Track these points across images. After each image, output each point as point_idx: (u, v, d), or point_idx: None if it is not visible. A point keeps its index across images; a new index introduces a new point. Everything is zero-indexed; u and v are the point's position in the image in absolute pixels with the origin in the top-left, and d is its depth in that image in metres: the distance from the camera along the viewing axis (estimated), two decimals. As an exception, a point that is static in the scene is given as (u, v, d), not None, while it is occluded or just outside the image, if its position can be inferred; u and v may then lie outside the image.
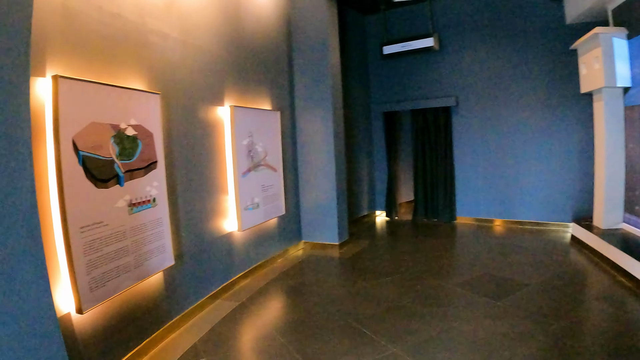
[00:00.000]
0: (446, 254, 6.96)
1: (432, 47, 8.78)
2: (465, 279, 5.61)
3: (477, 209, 9.08)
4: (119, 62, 3.87)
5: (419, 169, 9.58)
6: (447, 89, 9.14)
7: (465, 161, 9.11)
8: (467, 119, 8.99)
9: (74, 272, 3.20)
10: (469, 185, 9.12)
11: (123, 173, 3.70)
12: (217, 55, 5.43)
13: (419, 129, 9.48)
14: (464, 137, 9.07)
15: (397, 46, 9.17)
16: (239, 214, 5.67)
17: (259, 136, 6.20)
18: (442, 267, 6.19)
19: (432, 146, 9.34)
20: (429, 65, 9.34)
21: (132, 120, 3.83)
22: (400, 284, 5.57)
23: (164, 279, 4.38)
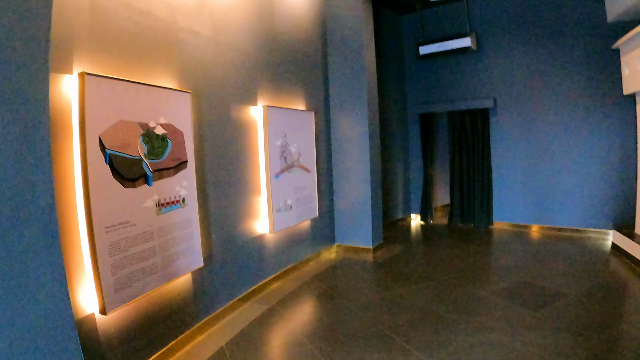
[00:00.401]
0: (482, 260, 6.66)
1: (469, 47, 8.45)
2: (502, 287, 5.33)
3: (514, 214, 8.70)
4: (148, 60, 3.81)
5: (456, 172, 9.25)
6: (485, 90, 8.81)
7: (502, 164, 8.75)
8: (505, 120, 8.63)
9: (98, 273, 3.14)
10: (506, 190, 8.75)
11: (152, 172, 3.63)
12: (250, 54, 5.33)
13: (455, 131, 9.15)
14: (501, 140, 8.72)
15: (434, 46, 8.86)
16: (271, 216, 5.56)
17: (293, 137, 6.08)
18: (478, 274, 5.92)
19: (469, 149, 9.01)
20: (466, 66, 9.02)
21: (162, 118, 3.76)
22: (435, 290, 5.34)
23: (192, 280, 4.30)
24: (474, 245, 7.53)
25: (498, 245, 7.60)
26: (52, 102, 2.96)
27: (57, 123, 3.00)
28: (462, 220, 9.27)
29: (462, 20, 8.86)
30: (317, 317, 4.80)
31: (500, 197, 8.84)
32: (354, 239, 7.39)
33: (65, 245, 3.02)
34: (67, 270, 3.03)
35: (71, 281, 3.07)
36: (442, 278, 5.77)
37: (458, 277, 5.80)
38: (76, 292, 3.10)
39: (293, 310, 4.95)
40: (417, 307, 4.84)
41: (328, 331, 4.37)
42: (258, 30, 5.49)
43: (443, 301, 4.97)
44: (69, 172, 3.08)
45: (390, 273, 6.16)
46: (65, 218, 3.05)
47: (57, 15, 2.98)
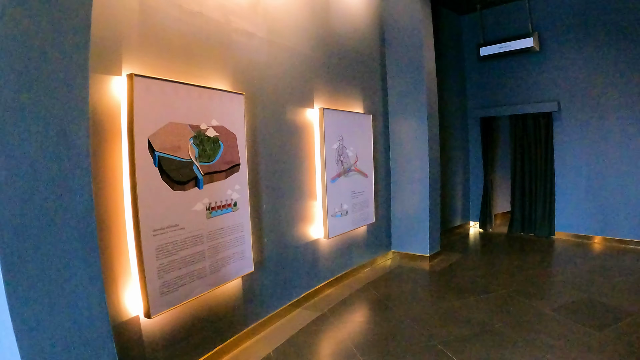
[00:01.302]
0: (543, 272, 6.15)
1: (531, 47, 7.98)
2: (563, 303, 4.87)
3: (577, 224, 8.03)
4: (201, 62, 3.71)
5: (517, 178, 8.70)
6: (548, 93, 8.20)
7: (566, 171, 8.11)
8: (570, 125, 7.99)
9: (144, 276, 3.06)
10: (569, 198, 8.10)
11: (202, 175, 3.53)
12: (306, 55, 5.17)
13: (517, 136, 8.61)
14: (565, 145, 8.08)
15: (495, 47, 8.44)
16: (326, 221, 5.37)
17: (350, 140, 5.87)
18: (538, 288, 5.46)
19: (532, 154, 8.44)
20: (529, 68, 8.44)
21: (214, 121, 3.67)
22: (492, 303, 4.95)
23: (242, 285, 4.19)
24: (535, 257, 6.99)
25: (559, 257, 7.03)
26: (101, 104, 2.91)
27: (106, 125, 2.95)
28: (522, 229, 8.70)
29: (524, 20, 8.32)
30: (368, 327, 4.56)
31: (562, 206, 8.22)
32: (410, 246, 7.08)
33: (112, 247, 2.97)
34: (112, 272, 2.98)
35: (117, 283, 3.01)
36: (500, 291, 5.37)
37: (517, 290, 5.37)
38: (121, 295, 3.04)
39: (344, 319, 4.74)
40: (472, 321, 4.50)
41: (379, 342, 4.12)
42: (314, 31, 5.33)
43: (500, 316, 4.60)
44: (117, 175, 3.03)
45: (446, 283, 5.81)
46: (112, 220, 2.99)
47: (106, 17, 2.93)
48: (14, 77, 1.80)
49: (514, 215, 8.81)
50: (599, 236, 7.77)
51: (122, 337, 3.05)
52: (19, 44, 1.82)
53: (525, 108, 8.35)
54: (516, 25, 8.48)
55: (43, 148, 1.89)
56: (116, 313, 3.01)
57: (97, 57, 2.89)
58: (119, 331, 3.02)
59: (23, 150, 1.83)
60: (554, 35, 8.08)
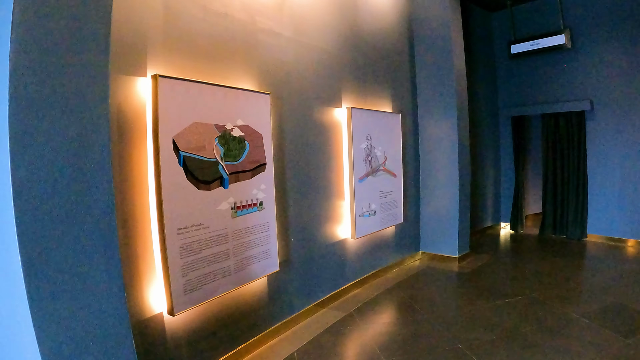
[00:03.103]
0: (574, 276, 5.89)
1: (563, 44, 7.68)
2: (594, 309, 4.63)
3: (610, 226, 7.67)
4: (226, 62, 3.68)
5: (549, 179, 8.38)
6: (581, 92, 7.86)
7: (599, 172, 7.76)
8: (603, 124, 7.65)
9: (168, 274, 3.05)
10: (602, 200, 7.75)
11: (228, 175, 3.52)
12: (333, 54, 5.09)
13: (549, 135, 8.29)
14: (598, 145, 7.73)
15: (526, 44, 8.17)
16: (354, 221, 5.29)
17: (379, 140, 5.77)
18: (568, 292, 5.22)
19: (564, 154, 8.12)
20: (561, 66, 8.15)
21: (239, 120, 3.64)
22: (521, 308, 4.77)
23: (267, 284, 4.15)
24: (566, 260, 6.71)
25: (592, 261, 6.74)
26: (127, 105, 2.91)
27: (131, 125, 2.95)
28: (554, 231, 8.38)
29: (555, 17, 7.99)
30: (394, 329, 4.46)
31: (595, 208, 7.87)
32: (439, 247, 6.92)
33: (137, 245, 2.98)
34: (137, 269, 2.99)
35: (141, 280, 3.01)
36: (529, 295, 5.15)
37: (547, 294, 5.15)
38: (145, 292, 3.04)
39: (370, 320, 4.65)
40: (501, 325, 4.33)
41: (404, 345, 4.00)
42: (341, 30, 5.24)
43: (529, 320, 4.41)
44: (143, 174, 3.04)
45: (475, 285, 5.63)
46: (138, 218, 3.00)
47: (130, 19, 2.93)
48: (35, 78, 1.81)
49: (546, 217, 8.51)
50: (633, 239, 7.43)
51: (145, 334, 3.06)
52: (39, 46, 1.82)
53: (557, 107, 8.05)
54: (547, 22, 8.18)
55: (63, 149, 1.89)
56: (140, 310, 3.02)
57: (122, 58, 2.89)
58: (142, 328, 3.03)
59: (43, 150, 1.83)
60: (586, 32, 7.76)
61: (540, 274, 6.03)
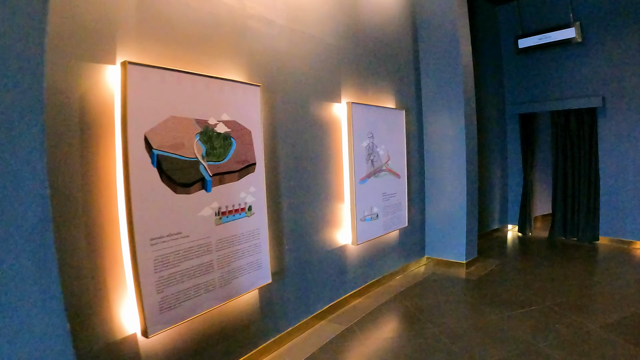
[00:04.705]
0: (589, 283, 5.47)
1: (573, 38, 7.34)
2: (613, 320, 4.23)
3: (624, 229, 7.28)
4: (210, 50, 3.26)
5: (559, 179, 7.99)
6: (592, 88, 7.46)
7: (611, 171, 7.37)
8: (616, 122, 7.26)
9: (140, 290, 2.64)
10: (615, 201, 7.36)
11: (210, 176, 3.09)
12: (332, 45, 4.67)
13: (559, 133, 7.90)
14: (611, 143, 7.35)
15: (534, 39, 7.84)
16: (355, 226, 4.87)
17: (381, 138, 5.34)
18: (584, 301, 4.82)
19: (574, 153, 7.73)
20: (571, 60, 7.71)
21: (225, 115, 3.21)
22: (536, 319, 4.36)
23: (258, 297, 3.72)
24: (579, 265, 6.30)
25: (606, 266, 6.31)
26: (93, 96, 2.51)
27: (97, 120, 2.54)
28: (564, 233, 7.97)
29: (565, 9, 7.60)
30: (398, 344, 4.01)
31: (607, 210, 7.47)
32: (445, 252, 6.49)
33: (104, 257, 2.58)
34: (105, 285, 2.59)
35: (110, 297, 2.61)
36: (543, 304, 4.74)
37: (561, 303, 4.74)
38: (116, 310, 2.64)
39: (372, 333, 4.21)
40: (513, 339, 3.92)
41: (409, 363, 3.66)
42: (340, 20, 4.81)
43: (544, 333, 4.01)
44: (111, 176, 2.63)
45: (484, 294, 5.21)
46: (106, 226, 2.59)
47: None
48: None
49: (555, 219, 8.09)
50: None
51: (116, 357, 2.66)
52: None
53: (567, 103, 7.65)
54: (556, 15, 7.77)
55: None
56: (109, 330, 2.62)
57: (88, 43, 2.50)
58: (112, 351, 2.63)
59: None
60: (597, 25, 7.36)
61: (553, 280, 5.60)
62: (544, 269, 6.21)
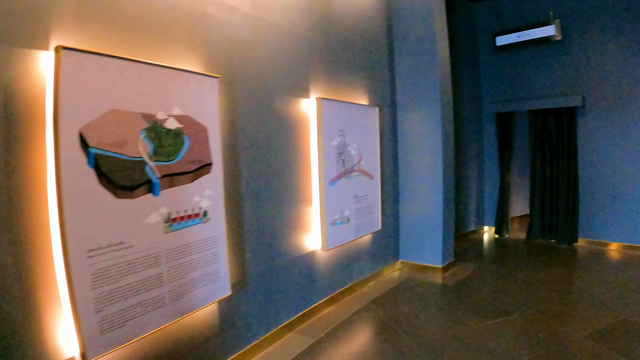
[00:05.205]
0: (570, 288, 5.40)
1: (553, 36, 7.24)
2: (598, 328, 4.12)
3: (603, 230, 7.28)
4: (161, 36, 2.97)
5: (537, 180, 7.92)
6: (572, 87, 7.42)
7: (591, 172, 7.35)
8: (595, 122, 7.24)
9: (76, 309, 2.35)
10: (594, 202, 7.35)
11: (158, 178, 2.79)
12: (301, 37, 4.42)
13: (537, 133, 7.83)
14: (590, 143, 7.33)
15: (512, 36, 7.73)
16: (324, 230, 4.62)
17: (353, 136, 5.11)
18: (567, 308, 4.71)
19: (553, 153, 7.67)
20: (550, 58, 7.67)
21: (176, 109, 2.91)
22: (516, 328, 4.21)
23: (218, 311, 3.45)
24: (559, 268, 6.22)
25: (586, 269, 6.24)
26: (21, 85, 2.22)
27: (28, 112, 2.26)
28: (542, 235, 7.93)
29: (544, 6, 7.52)
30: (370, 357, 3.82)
31: (587, 211, 7.46)
32: (420, 256, 6.30)
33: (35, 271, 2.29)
34: (37, 303, 2.31)
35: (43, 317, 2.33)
36: (523, 311, 4.61)
37: (543, 311, 4.62)
38: (51, 331, 2.36)
39: (343, 346, 3.98)
40: (495, 350, 3.77)
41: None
42: (311, 10, 4.57)
43: (528, 344, 3.87)
44: (42, 178, 2.32)
45: (462, 301, 5.06)
46: (36, 236, 2.29)
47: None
48: None
49: (533, 220, 8.03)
50: (627, 244, 7.06)
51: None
52: None
53: (546, 102, 7.58)
54: (536, 13, 7.71)
55: None
56: (45, 354, 2.34)
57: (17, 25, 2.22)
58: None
59: None
60: (578, 23, 7.33)
61: (534, 285, 5.49)
62: (523, 273, 6.11)
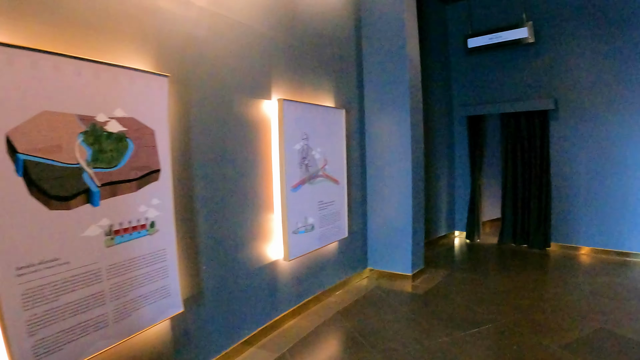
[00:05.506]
0: (545, 295, 5.31)
1: (525, 38, 7.23)
2: (575, 338, 4.05)
3: (576, 235, 7.31)
4: (106, 31, 2.75)
5: (508, 184, 7.91)
6: (544, 90, 7.45)
7: (563, 176, 7.38)
8: (568, 125, 7.26)
9: (6, 333, 2.12)
10: (567, 206, 7.37)
11: (98, 187, 2.56)
12: (263, 35, 4.25)
13: (509, 136, 7.83)
14: (563, 147, 7.35)
15: (484, 38, 7.69)
16: (286, 239, 4.44)
17: (317, 140, 4.95)
18: (542, 317, 4.62)
19: (525, 157, 7.68)
20: (523, 61, 7.68)
21: (119, 110, 2.69)
22: (490, 340, 4.11)
23: (171, 329, 3.24)
24: (532, 274, 6.19)
25: (559, 275, 6.20)
26: None
27: None
28: (514, 240, 7.94)
29: (517, 8, 7.52)
30: (337, 376, 3.67)
31: (559, 215, 7.48)
32: (389, 263, 6.18)
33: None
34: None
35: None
36: (497, 321, 4.51)
37: (517, 320, 4.53)
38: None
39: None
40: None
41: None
42: (274, 7, 4.40)
43: (500, 358, 3.76)
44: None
45: (433, 311, 4.93)
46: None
47: None
48: None
49: (505, 225, 8.04)
50: (603, 248, 7.09)
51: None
52: None
53: (518, 106, 7.58)
54: (508, 15, 7.69)
55: None
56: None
57: None
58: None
59: None
60: (551, 25, 7.33)
61: (507, 293, 5.43)
62: (496, 279, 6.06)
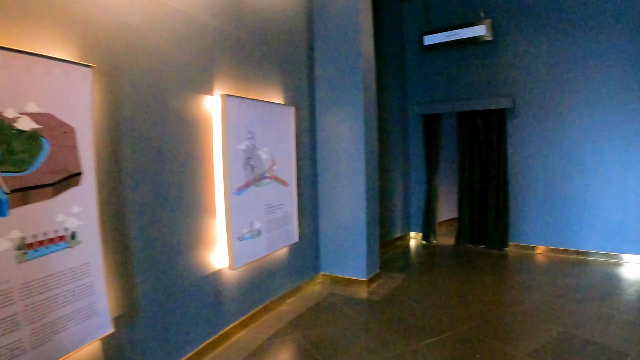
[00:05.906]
0: (505, 299, 5.30)
1: (483, 36, 7.26)
2: (539, 344, 3.95)
3: (534, 235, 7.41)
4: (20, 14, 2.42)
5: (465, 184, 7.94)
6: (501, 88, 7.52)
7: (521, 175, 7.47)
8: (525, 124, 7.36)
9: None
10: (525, 206, 7.47)
11: (7, 194, 2.23)
12: (204, 24, 3.97)
13: (465, 136, 7.86)
14: (520, 147, 7.44)
15: (441, 35, 7.68)
16: (231, 246, 4.18)
17: (264, 139, 4.72)
18: (505, 322, 4.57)
19: (482, 156, 7.71)
20: (480, 59, 7.72)
21: (32, 105, 2.36)
22: (451, 349, 3.97)
23: (102, 350, 2.93)
24: (491, 277, 6.18)
25: (519, 277, 6.26)
26: None
27: None
28: (471, 241, 7.96)
29: (475, 6, 7.55)
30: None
31: (517, 215, 7.56)
32: (343, 269, 6.01)
33: None
34: None
35: None
36: (457, 329, 4.40)
37: (479, 327, 4.43)
38: None
39: (256, 381, 3.60)
40: None
41: None
42: (217, -7, 4.14)
43: None
44: None
45: (390, 318, 4.77)
46: None
47: None
48: None
49: (462, 225, 8.08)
50: (561, 248, 7.21)
51: None
52: None
53: (475, 104, 7.62)
54: (466, 12, 7.71)
55: None
56: None
57: None
58: None
59: None
60: (509, 23, 7.41)
61: (466, 297, 5.38)
62: (455, 283, 6.00)
